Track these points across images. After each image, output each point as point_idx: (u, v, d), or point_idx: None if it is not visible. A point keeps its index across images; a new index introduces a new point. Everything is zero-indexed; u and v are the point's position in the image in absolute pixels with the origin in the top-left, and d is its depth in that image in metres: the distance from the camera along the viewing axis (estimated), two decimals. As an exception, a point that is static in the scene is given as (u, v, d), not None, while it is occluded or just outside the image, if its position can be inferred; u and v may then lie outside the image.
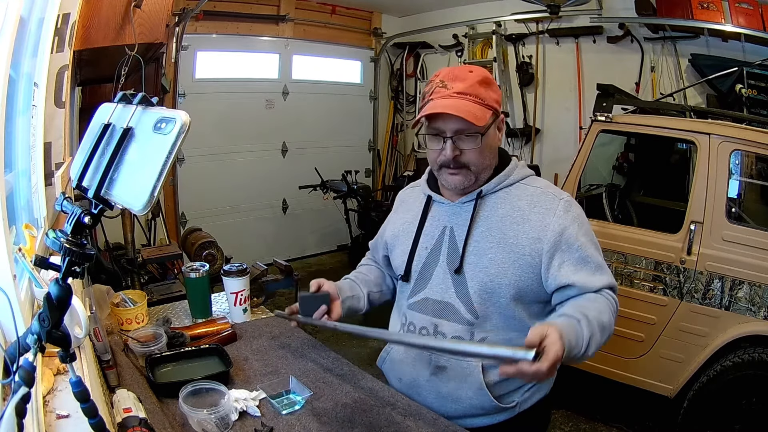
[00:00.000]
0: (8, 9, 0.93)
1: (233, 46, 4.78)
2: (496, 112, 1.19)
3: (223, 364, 1.39)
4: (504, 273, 1.17)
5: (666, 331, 2.49)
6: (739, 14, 3.45)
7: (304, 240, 5.59)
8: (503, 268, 1.17)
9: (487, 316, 1.19)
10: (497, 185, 1.23)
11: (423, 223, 1.29)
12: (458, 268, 1.20)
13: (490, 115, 1.17)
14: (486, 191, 1.23)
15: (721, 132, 2.42)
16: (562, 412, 2.85)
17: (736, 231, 2.33)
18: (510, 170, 1.25)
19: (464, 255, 1.20)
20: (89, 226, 0.66)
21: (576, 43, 4.52)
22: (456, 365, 1.22)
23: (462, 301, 1.20)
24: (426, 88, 1.21)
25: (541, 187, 1.23)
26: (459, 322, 1.21)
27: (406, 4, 5.49)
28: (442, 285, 1.23)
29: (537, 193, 1.22)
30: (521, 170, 1.26)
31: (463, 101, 1.14)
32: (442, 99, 1.15)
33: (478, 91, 1.15)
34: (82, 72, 2.35)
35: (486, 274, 1.18)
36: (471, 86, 1.15)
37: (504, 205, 1.21)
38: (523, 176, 1.26)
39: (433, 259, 1.26)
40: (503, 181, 1.23)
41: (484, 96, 1.16)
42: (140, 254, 2.65)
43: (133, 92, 0.72)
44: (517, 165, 1.27)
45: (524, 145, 5.00)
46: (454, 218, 1.25)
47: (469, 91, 1.15)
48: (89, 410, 0.70)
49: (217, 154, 4.78)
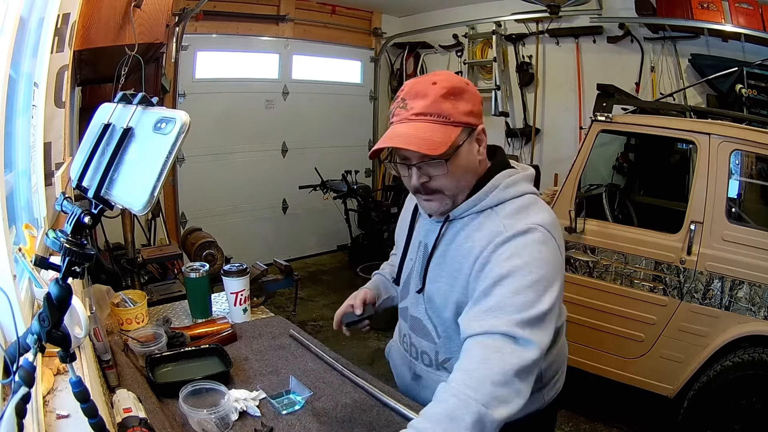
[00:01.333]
0: (8, 9, 0.93)
1: (233, 46, 4.77)
2: (469, 126, 1.05)
3: (223, 364, 1.39)
4: (445, 305, 1.13)
5: (666, 331, 2.49)
6: (739, 14, 3.45)
7: (304, 240, 5.59)
8: (444, 300, 1.13)
9: (448, 336, 1.16)
10: (464, 211, 1.11)
11: (411, 232, 1.28)
12: (420, 288, 1.19)
13: (457, 133, 1.02)
14: (453, 216, 1.12)
15: (721, 132, 2.42)
16: (562, 412, 2.83)
17: (736, 231, 2.33)
18: (484, 194, 1.09)
19: (426, 276, 1.17)
20: (89, 226, 0.66)
21: (576, 43, 4.52)
22: (428, 376, 1.22)
23: (428, 319, 1.20)
24: (392, 105, 1.09)
25: (502, 218, 1.06)
26: (426, 339, 1.21)
27: (406, 4, 5.48)
28: (414, 299, 1.23)
29: (493, 225, 1.06)
30: (500, 193, 1.09)
31: (420, 124, 1.02)
32: (399, 124, 1.04)
33: (441, 107, 1.02)
34: (82, 72, 2.35)
35: (437, 299, 1.15)
36: (433, 103, 1.02)
37: (462, 233, 1.10)
38: (498, 201, 1.08)
39: (412, 272, 1.25)
40: (471, 208, 1.10)
41: (449, 112, 1.02)
42: (140, 254, 2.65)
43: (133, 92, 0.72)
44: (498, 185, 1.09)
45: (524, 145, 4.99)
46: (428, 236, 1.19)
47: (431, 110, 1.02)
48: (89, 410, 0.70)
49: (217, 154, 4.77)
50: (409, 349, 1.27)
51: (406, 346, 1.28)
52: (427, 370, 1.22)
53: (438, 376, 1.19)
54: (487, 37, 5.03)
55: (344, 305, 1.34)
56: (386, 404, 1.25)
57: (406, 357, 1.28)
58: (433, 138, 1.00)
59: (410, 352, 1.26)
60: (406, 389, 1.31)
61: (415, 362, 1.25)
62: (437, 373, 1.20)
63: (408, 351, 1.27)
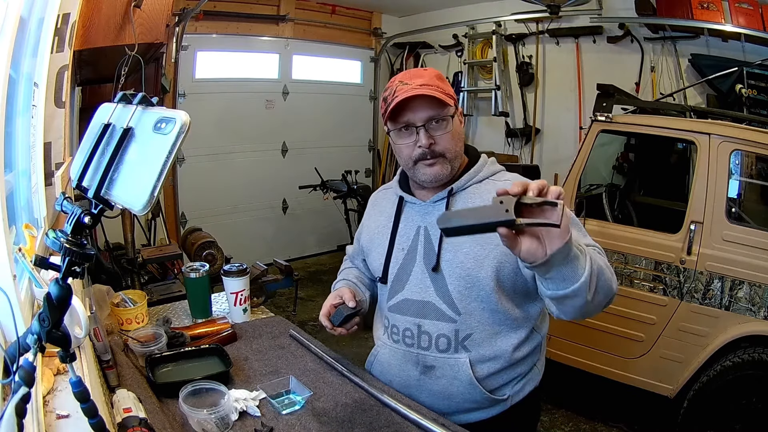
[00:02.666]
0: (8, 9, 0.93)
1: (233, 46, 4.78)
2: (456, 105, 1.23)
3: (223, 364, 1.39)
4: (480, 265, 1.18)
5: (666, 331, 2.49)
6: (739, 14, 3.45)
7: (304, 240, 5.59)
8: (479, 260, 1.18)
9: (469, 312, 1.20)
10: (467, 181, 1.25)
11: (397, 224, 1.30)
12: (435, 266, 1.21)
13: (453, 104, 1.20)
14: (456, 188, 1.25)
15: (721, 132, 2.42)
16: (562, 412, 2.85)
17: (736, 231, 2.33)
18: (480, 166, 1.27)
19: (440, 252, 1.22)
20: (89, 226, 0.66)
21: (576, 43, 4.52)
22: (444, 363, 1.22)
23: (443, 299, 1.21)
24: (385, 94, 1.22)
25: (511, 180, 1.22)
26: (441, 320, 1.22)
27: (406, 4, 5.49)
28: (421, 285, 1.24)
29: (506, 184, 1.17)
30: (491, 167, 1.29)
31: (428, 89, 1.17)
32: (407, 92, 1.17)
33: (437, 83, 1.20)
34: (82, 72, 2.35)
35: (463, 269, 1.19)
36: (430, 79, 1.19)
37: (474, 199, 1.23)
38: (492, 172, 1.28)
39: (410, 260, 1.27)
40: (473, 178, 1.25)
41: (443, 87, 1.20)
42: (140, 254, 2.65)
43: (133, 92, 0.72)
44: (487, 162, 1.30)
45: (524, 145, 5.00)
46: (427, 218, 1.26)
47: (430, 83, 1.18)
48: (89, 410, 0.70)
49: (217, 154, 4.78)
50: (416, 341, 1.25)
51: (409, 340, 1.26)
52: (443, 357, 1.22)
53: (456, 360, 1.21)
54: (487, 37, 5.04)
55: (328, 304, 1.27)
56: (386, 404, 1.25)
57: (411, 353, 1.26)
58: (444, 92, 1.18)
59: (418, 343, 1.25)
60: (410, 389, 1.29)
61: (426, 353, 1.24)
62: (455, 356, 1.21)
63: (414, 344, 1.25)
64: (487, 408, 1.24)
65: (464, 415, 1.24)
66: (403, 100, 1.16)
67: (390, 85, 1.22)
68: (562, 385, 2.85)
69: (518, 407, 1.27)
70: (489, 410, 1.24)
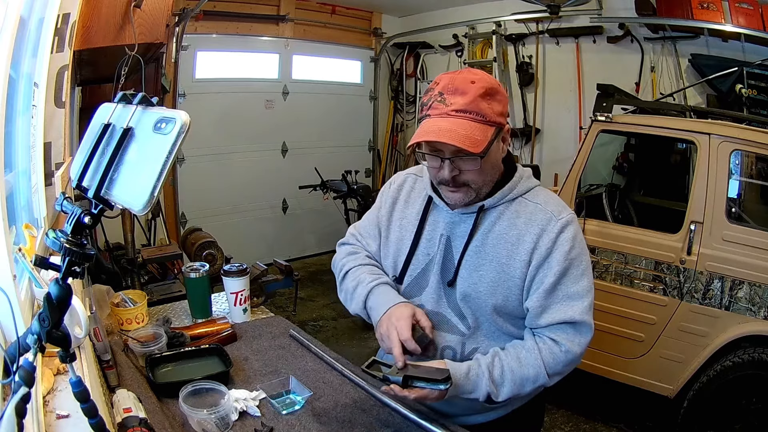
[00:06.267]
0: (8, 9, 0.93)
1: (233, 46, 4.77)
2: (500, 126, 1.10)
3: (223, 364, 1.39)
4: (492, 292, 1.15)
5: (666, 331, 2.49)
6: (739, 14, 3.45)
7: (304, 240, 5.59)
8: (492, 287, 1.15)
9: (479, 327, 1.19)
10: (500, 200, 1.17)
11: (423, 225, 1.24)
12: (452, 281, 1.18)
13: (492, 132, 1.07)
14: (488, 206, 1.17)
15: (721, 132, 2.42)
16: (562, 412, 2.85)
17: (736, 231, 2.33)
18: (514, 183, 1.18)
19: (459, 269, 1.18)
20: (89, 226, 0.66)
21: (576, 43, 4.52)
22: None
23: (455, 312, 1.20)
24: (424, 98, 1.12)
25: (541, 204, 1.16)
26: (452, 332, 1.20)
27: (406, 4, 5.48)
28: (434, 295, 1.22)
29: (537, 211, 1.15)
30: (526, 182, 1.19)
31: (461, 121, 1.05)
32: (438, 118, 1.06)
33: (479, 106, 1.05)
34: (82, 72, 2.35)
35: (473, 289, 1.16)
36: (472, 101, 1.05)
37: (502, 221, 1.16)
38: (526, 189, 1.19)
39: (429, 267, 1.23)
40: (506, 196, 1.17)
41: (486, 112, 1.06)
42: (140, 254, 2.66)
43: (133, 92, 0.71)
44: (522, 176, 1.20)
45: (524, 145, 4.99)
46: (452, 228, 1.20)
47: (470, 108, 1.05)
48: (89, 410, 0.70)
49: (217, 154, 4.77)
50: None
51: None
52: None
53: None
54: (487, 37, 5.03)
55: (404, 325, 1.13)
56: (386, 404, 1.25)
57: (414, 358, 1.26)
58: (475, 136, 1.04)
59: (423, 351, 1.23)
60: None
61: None
62: None
63: None
64: (487, 412, 1.24)
65: (465, 418, 1.24)
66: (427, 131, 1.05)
67: (431, 89, 1.11)
68: (562, 385, 2.84)
69: (521, 411, 1.26)
70: (489, 414, 1.24)
